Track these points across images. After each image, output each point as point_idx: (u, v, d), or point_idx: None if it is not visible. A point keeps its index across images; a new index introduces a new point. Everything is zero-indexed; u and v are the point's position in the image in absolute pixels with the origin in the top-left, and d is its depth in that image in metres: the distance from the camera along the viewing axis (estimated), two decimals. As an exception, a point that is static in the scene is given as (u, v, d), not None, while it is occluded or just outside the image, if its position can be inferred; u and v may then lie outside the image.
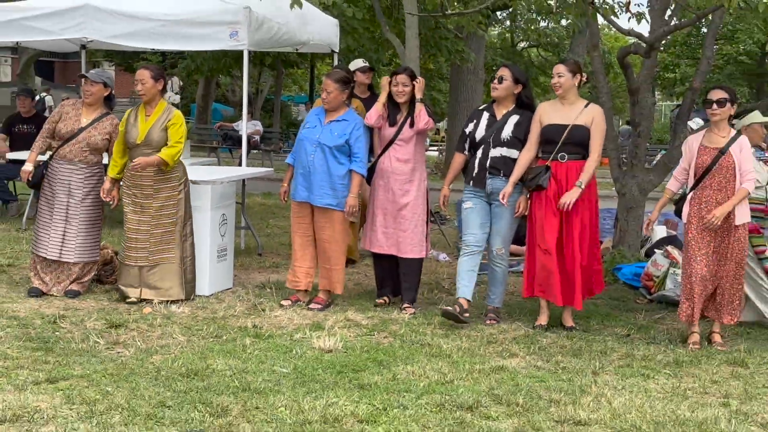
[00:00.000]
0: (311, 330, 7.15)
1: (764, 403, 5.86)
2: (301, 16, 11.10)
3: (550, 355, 6.79)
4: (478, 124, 7.66)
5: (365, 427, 5.11)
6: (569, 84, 7.42)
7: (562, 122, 7.36)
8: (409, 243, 7.88)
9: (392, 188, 7.87)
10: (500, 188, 7.50)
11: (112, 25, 10.37)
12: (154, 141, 7.57)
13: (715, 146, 7.08)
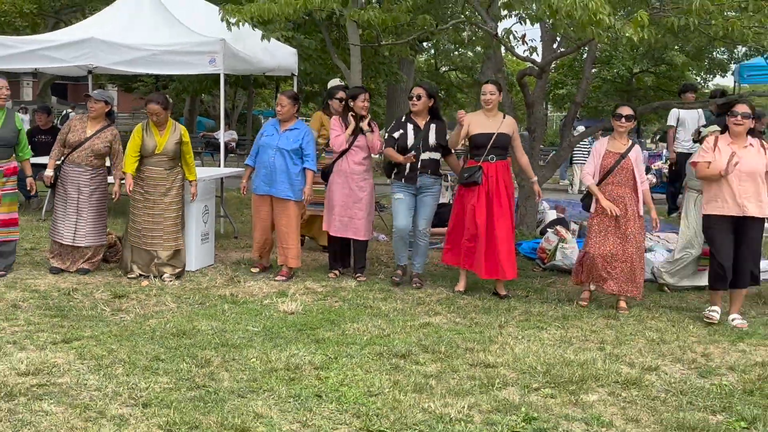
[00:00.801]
0: (277, 297, 7.12)
1: (631, 347, 5.96)
2: (267, 47, 11.05)
3: (466, 312, 6.84)
4: (406, 134, 7.68)
5: (320, 372, 5.12)
6: (497, 100, 7.49)
7: (489, 131, 7.39)
8: (362, 228, 7.91)
9: (350, 186, 7.87)
10: (427, 184, 7.62)
11: (113, 55, 10.37)
12: (170, 152, 7.66)
13: (617, 151, 7.10)
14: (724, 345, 6.08)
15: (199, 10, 11.62)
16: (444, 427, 4.31)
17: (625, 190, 7.07)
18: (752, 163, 6.57)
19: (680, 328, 6.52)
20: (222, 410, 4.45)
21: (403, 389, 4.86)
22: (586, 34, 6.82)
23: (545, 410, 4.63)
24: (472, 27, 9.10)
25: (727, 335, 6.33)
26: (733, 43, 7.55)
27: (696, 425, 4.45)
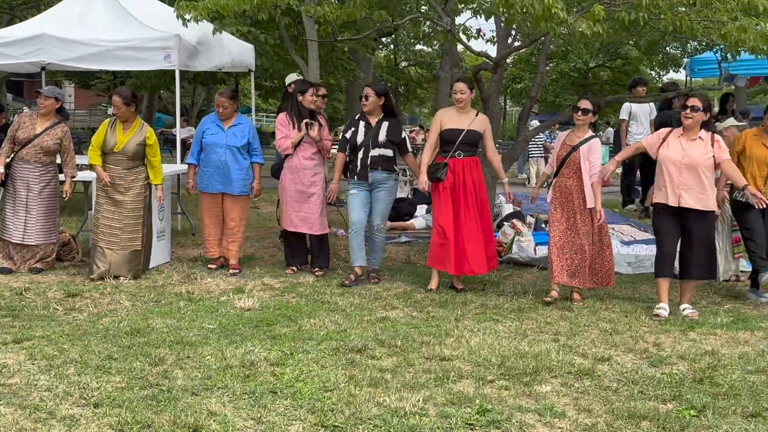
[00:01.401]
0: (234, 293, 7.06)
1: (584, 338, 5.99)
2: (222, 42, 10.98)
3: (423, 306, 6.83)
4: (357, 131, 7.65)
5: (275, 368, 5.07)
6: (468, 98, 7.47)
7: (458, 127, 7.37)
8: (315, 222, 7.88)
9: (302, 180, 7.84)
10: (379, 179, 7.59)
11: (65, 51, 10.18)
12: (130, 152, 7.50)
13: (570, 143, 7.16)
14: (675, 334, 6.14)
15: (154, 6, 11.47)
16: (399, 421, 4.29)
17: (573, 182, 7.10)
18: (694, 156, 6.62)
19: (633, 318, 6.57)
20: (175, 409, 4.38)
21: (358, 384, 4.83)
22: (540, 29, 6.83)
23: (499, 402, 4.63)
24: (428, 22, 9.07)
25: (678, 325, 6.39)
26: (684, 37, 7.61)
27: (647, 414, 4.49)
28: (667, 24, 7.05)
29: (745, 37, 6.57)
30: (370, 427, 4.21)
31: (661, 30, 7.54)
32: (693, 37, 7.57)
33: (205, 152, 7.88)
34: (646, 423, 4.39)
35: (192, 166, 8.08)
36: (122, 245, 7.52)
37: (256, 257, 8.78)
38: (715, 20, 6.89)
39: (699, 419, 4.46)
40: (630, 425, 4.36)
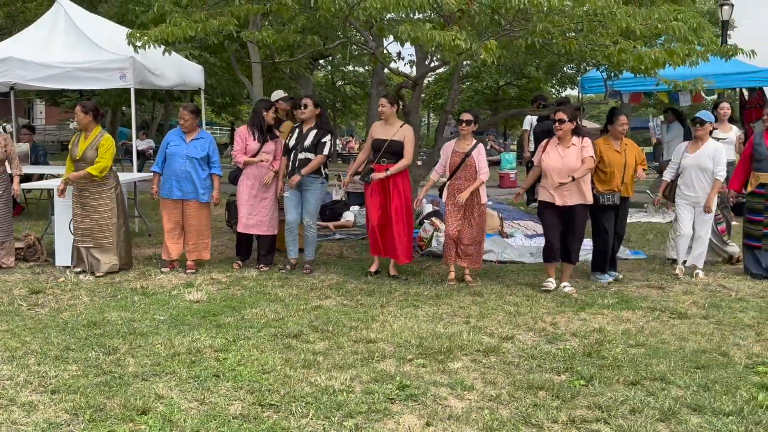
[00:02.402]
0: (184, 287, 6.89)
1: (491, 320, 6.00)
2: (174, 64, 10.77)
3: (353, 295, 6.76)
4: (292, 137, 7.63)
5: (219, 354, 4.95)
6: (390, 111, 7.46)
7: (383, 137, 7.43)
8: (265, 224, 7.76)
9: (256, 187, 7.71)
10: (307, 182, 7.55)
11: (30, 72, 9.93)
12: (88, 157, 7.29)
13: (462, 151, 7.22)
14: (569, 315, 6.20)
15: (111, 30, 11.17)
16: (328, 398, 4.23)
17: (468, 183, 7.20)
18: (571, 161, 6.82)
19: (533, 302, 6.61)
20: (126, 393, 4.24)
21: (293, 366, 4.75)
22: (447, 56, 6.86)
23: (417, 378, 4.60)
24: (355, 46, 8.99)
25: (571, 306, 6.45)
26: (576, 59, 7.70)
27: (543, 384, 4.51)
28: (559, 47, 7.13)
29: (624, 58, 6.67)
30: (302, 405, 4.13)
31: (555, 53, 7.61)
32: (582, 59, 7.64)
33: (167, 162, 7.64)
34: (542, 392, 4.41)
35: (156, 174, 7.80)
36: (96, 244, 7.33)
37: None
38: (599, 44, 6.97)
39: (587, 388, 4.49)
40: (529, 395, 4.37)
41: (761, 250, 7.67)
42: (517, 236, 9.70)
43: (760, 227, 7.66)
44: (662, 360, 4.99)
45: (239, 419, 3.94)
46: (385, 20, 7.09)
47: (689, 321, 6.03)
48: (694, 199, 7.54)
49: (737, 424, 3.96)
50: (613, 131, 7.42)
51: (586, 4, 6.21)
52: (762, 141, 7.65)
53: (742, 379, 4.65)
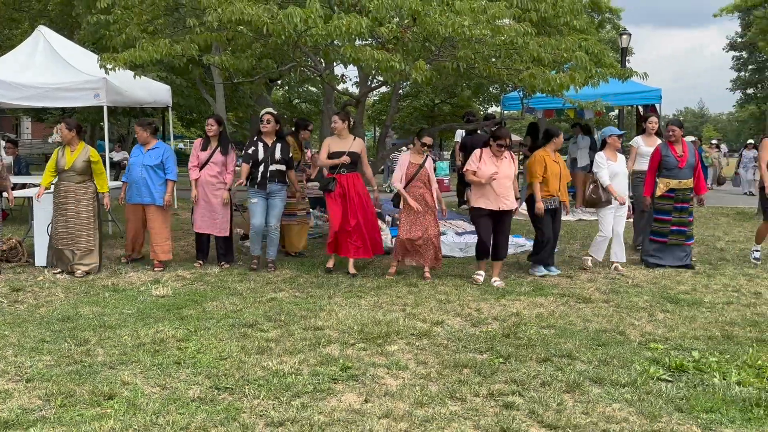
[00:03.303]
0: (152, 284, 6.72)
1: (425, 307, 5.99)
2: (144, 84, 10.52)
3: (305, 288, 6.69)
4: (257, 150, 7.47)
5: (181, 344, 4.83)
6: (342, 127, 7.42)
7: (341, 150, 7.37)
8: (219, 226, 7.62)
9: (207, 193, 7.57)
10: (275, 189, 7.46)
11: (12, 92, 9.59)
12: (78, 168, 7.13)
13: (417, 163, 7.19)
14: (491, 301, 6.23)
15: (87, 54, 10.87)
16: (279, 381, 4.15)
17: (424, 191, 7.17)
18: (507, 171, 6.86)
19: (461, 291, 6.64)
20: (94, 380, 4.10)
21: (248, 352, 4.66)
22: (385, 76, 6.85)
23: (358, 360, 4.56)
24: (305, 69, 8.90)
25: (493, 294, 6.50)
26: (496, 81, 7.76)
27: (467, 363, 4.51)
28: (480, 71, 7.17)
29: (535, 81, 6.74)
30: (255, 387, 4.05)
31: (478, 75, 7.66)
32: (501, 82, 7.71)
33: (129, 171, 7.53)
34: (467, 370, 4.41)
35: (125, 183, 7.71)
36: (77, 246, 7.11)
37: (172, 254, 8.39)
38: (514, 69, 7.04)
39: (505, 365, 4.52)
40: (455, 372, 4.36)
41: (666, 245, 7.84)
42: (448, 234, 9.73)
43: (668, 225, 7.83)
44: (569, 339, 5.05)
45: (197, 402, 3.84)
46: (330, 46, 7.02)
47: (593, 305, 6.12)
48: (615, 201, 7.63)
49: (631, 394, 4.02)
50: (554, 144, 7.46)
51: (504, 35, 6.25)
52: (669, 152, 7.80)
53: (636, 355, 4.73)
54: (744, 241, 9.81)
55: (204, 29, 7.34)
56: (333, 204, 7.38)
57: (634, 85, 11.80)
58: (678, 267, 7.74)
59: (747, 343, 4.99)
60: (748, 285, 6.97)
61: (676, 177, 7.74)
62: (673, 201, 7.78)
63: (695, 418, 3.70)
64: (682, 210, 7.77)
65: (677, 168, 7.72)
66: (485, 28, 6.03)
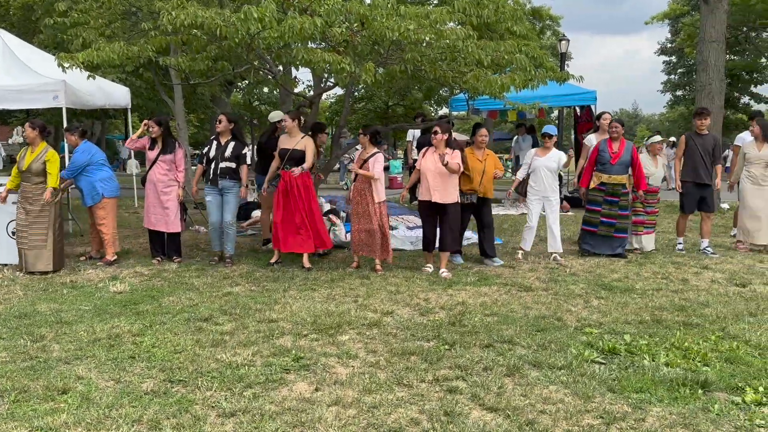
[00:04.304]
0: (110, 280, 6.52)
1: (376, 298, 5.95)
2: (102, 86, 10.22)
3: (260, 282, 6.58)
4: (211, 148, 7.36)
5: (136, 338, 4.68)
6: (292, 125, 7.31)
7: (288, 147, 7.28)
8: (171, 223, 7.45)
9: (158, 190, 7.40)
10: (227, 186, 7.32)
11: (-26, 95, 9.10)
12: (34, 169, 6.90)
13: (363, 158, 7.12)
14: (439, 291, 6.23)
15: (45, 57, 10.47)
16: (232, 372, 4.06)
17: (365, 185, 7.15)
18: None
19: (411, 282, 6.62)
20: (49, 376, 3.94)
21: (202, 345, 4.54)
22: (337, 78, 6.77)
23: (310, 351, 4.49)
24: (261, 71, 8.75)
25: (441, 284, 6.49)
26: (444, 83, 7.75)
27: (415, 350, 4.49)
28: (427, 73, 7.15)
29: (477, 83, 6.75)
30: (208, 379, 3.95)
31: (425, 78, 7.64)
32: (447, 84, 7.70)
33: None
34: (414, 357, 4.39)
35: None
36: (33, 245, 6.85)
37: (132, 251, 8.19)
38: (459, 71, 7.04)
39: (450, 351, 4.51)
40: (403, 360, 4.33)
41: (597, 235, 7.97)
42: (400, 228, 9.72)
43: (598, 216, 7.95)
44: (510, 326, 5.08)
45: (150, 395, 3.72)
46: (282, 49, 6.90)
47: (533, 293, 6.17)
48: (543, 193, 7.73)
49: (567, 376, 4.06)
50: (475, 142, 7.53)
51: (446, 38, 6.24)
52: (606, 148, 7.93)
53: (572, 339, 4.77)
54: (672, 232, 10.05)
55: (159, 33, 7.14)
56: (276, 199, 7.31)
57: (571, 88, 11.98)
58: (610, 256, 7.89)
59: (675, 327, 5.08)
60: (676, 272, 7.13)
61: (608, 172, 7.87)
62: (604, 194, 7.92)
63: (626, 398, 3.75)
64: (611, 203, 7.91)
65: (609, 164, 7.86)
66: (429, 32, 6.00)
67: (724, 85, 12.72)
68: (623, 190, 7.94)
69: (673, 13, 32.84)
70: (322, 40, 6.70)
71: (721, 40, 12.51)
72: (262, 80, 9.38)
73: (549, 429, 3.33)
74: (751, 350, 4.51)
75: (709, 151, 8.24)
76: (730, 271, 7.19)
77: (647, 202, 8.26)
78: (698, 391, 3.82)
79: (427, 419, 3.44)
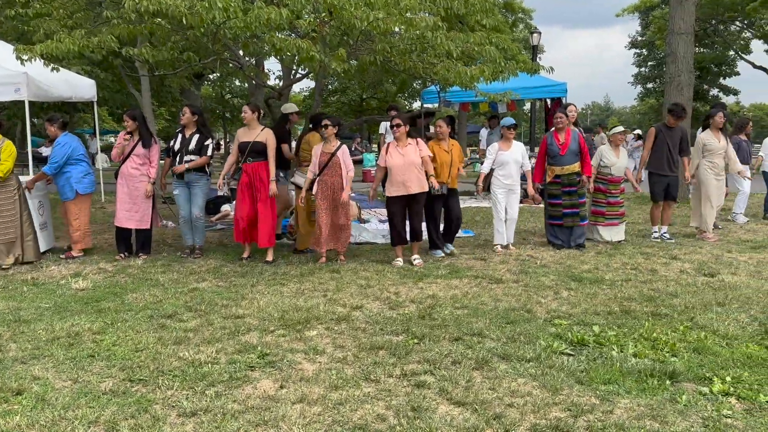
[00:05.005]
0: (72, 277, 6.34)
1: (346, 292, 5.87)
2: (67, 79, 9.95)
3: (228, 277, 6.46)
4: (176, 141, 7.22)
5: (96, 336, 4.55)
6: (250, 117, 7.18)
7: (248, 140, 7.13)
8: (140, 219, 7.30)
9: (129, 185, 7.22)
10: (193, 179, 7.21)
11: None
12: None
13: (329, 152, 7.03)
14: (409, 285, 6.17)
15: (7, 48, 10.16)
16: (194, 370, 3.95)
17: (335, 179, 7.04)
18: (411, 157, 6.82)
19: (382, 275, 6.55)
20: (3, 376, 3.79)
21: (165, 343, 4.42)
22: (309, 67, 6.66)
23: (276, 347, 4.40)
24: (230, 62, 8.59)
25: (411, 277, 6.43)
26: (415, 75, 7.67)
27: (383, 345, 4.42)
28: (397, 64, 7.07)
29: (448, 75, 6.69)
30: (169, 378, 3.83)
31: (395, 69, 7.56)
32: (418, 75, 7.63)
33: None
34: (383, 352, 4.32)
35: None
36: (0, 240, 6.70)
37: (97, 247, 7.99)
38: (429, 63, 6.97)
39: (419, 345, 4.45)
40: (371, 355, 4.27)
41: (562, 227, 7.98)
42: (372, 221, 9.66)
43: (560, 208, 7.96)
44: (480, 318, 5.03)
45: (109, 394, 3.60)
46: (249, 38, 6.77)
47: (503, 285, 6.15)
48: (510, 186, 7.73)
49: (535, 368, 4.02)
50: (437, 133, 7.48)
51: (416, 28, 6.16)
52: (552, 140, 7.93)
53: (541, 331, 4.75)
54: (642, 223, 10.12)
55: (122, 21, 6.95)
56: (239, 193, 7.19)
57: (542, 80, 11.99)
58: (572, 248, 7.90)
59: (643, 318, 5.09)
60: (645, 263, 7.17)
61: (560, 164, 7.88)
62: (561, 186, 7.93)
63: (594, 389, 3.72)
64: (570, 193, 7.93)
65: (559, 155, 7.87)
66: (399, 21, 5.92)
67: (692, 77, 12.84)
68: (578, 178, 7.94)
69: (643, 6, 33.16)
70: (290, 31, 6.58)
71: (689, 32, 12.62)
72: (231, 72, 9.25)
73: (516, 422, 3.28)
74: (719, 340, 4.52)
75: (676, 143, 8.32)
76: (698, 261, 7.25)
77: (610, 192, 8.28)
78: (666, 381, 3.81)
79: (393, 415, 3.37)
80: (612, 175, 8.23)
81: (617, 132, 8.44)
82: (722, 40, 31.09)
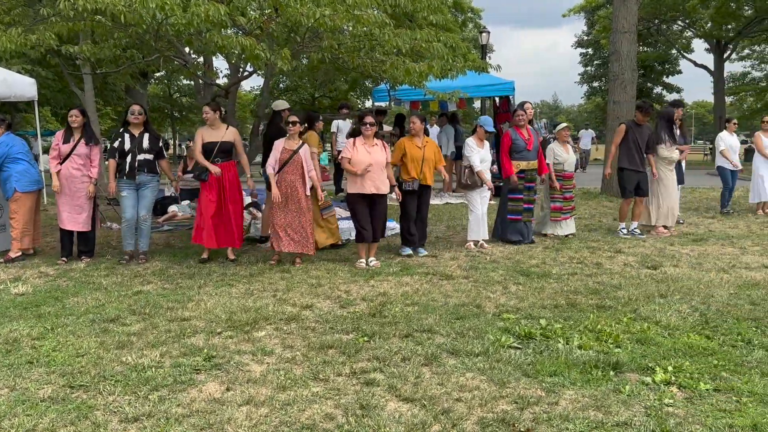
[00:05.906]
0: (12, 282, 6.11)
1: (296, 292, 5.82)
2: (4, 78, 9.57)
3: (174, 279, 6.32)
4: (123, 141, 7.00)
5: (36, 342, 4.38)
6: (213, 117, 7.06)
7: (214, 140, 7.02)
8: (82, 221, 7.10)
9: (71, 187, 7.01)
10: (145, 180, 7.04)
11: None
12: None
13: (291, 149, 6.93)
14: (361, 283, 6.16)
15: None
16: (137, 375, 3.84)
17: (296, 177, 6.95)
18: (377, 157, 6.80)
19: (333, 274, 6.52)
20: (-69, 389, 3.62)
21: (107, 348, 4.29)
22: (252, 65, 6.57)
23: (223, 349, 4.32)
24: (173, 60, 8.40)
25: (363, 276, 6.42)
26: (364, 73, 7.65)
27: (333, 344, 4.40)
28: (346, 62, 7.04)
29: (396, 72, 6.70)
30: (111, 383, 3.72)
31: (343, 66, 7.53)
32: (368, 74, 7.61)
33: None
34: (332, 351, 4.29)
35: None
36: None
37: (38, 250, 7.71)
38: (377, 60, 6.97)
39: (369, 343, 4.43)
40: (320, 354, 4.23)
41: (521, 222, 8.08)
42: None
43: (521, 203, 8.07)
44: (430, 314, 5.06)
45: (47, 401, 3.47)
46: (192, 35, 6.64)
47: (454, 281, 6.19)
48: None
49: (483, 363, 4.06)
50: (411, 130, 7.46)
51: (364, 25, 6.15)
52: (517, 136, 8.02)
53: (490, 325, 4.80)
54: (588, 217, 10.35)
55: (60, 19, 6.73)
56: (207, 192, 7.05)
57: (490, 78, 12.14)
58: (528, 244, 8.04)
59: (588, 310, 5.20)
60: (591, 257, 7.33)
61: (525, 159, 8.00)
62: (524, 181, 8.05)
63: (540, 382, 3.78)
64: (530, 189, 8.06)
65: (526, 150, 7.99)
66: (346, 18, 5.89)
67: (636, 75, 13.20)
68: (540, 177, 8.12)
69: (589, 6, 33.93)
70: (235, 27, 6.48)
71: (632, 30, 12.97)
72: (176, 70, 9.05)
73: (464, 417, 3.31)
74: (661, 330, 4.65)
75: (644, 140, 8.55)
76: (642, 254, 7.45)
77: (564, 187, 8.45)
78: (610, 372, 3.90)
79: (342, 414, 3.35)
80: (565, 171, 8.39)
81: (561, 128, 8.60)
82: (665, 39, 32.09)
